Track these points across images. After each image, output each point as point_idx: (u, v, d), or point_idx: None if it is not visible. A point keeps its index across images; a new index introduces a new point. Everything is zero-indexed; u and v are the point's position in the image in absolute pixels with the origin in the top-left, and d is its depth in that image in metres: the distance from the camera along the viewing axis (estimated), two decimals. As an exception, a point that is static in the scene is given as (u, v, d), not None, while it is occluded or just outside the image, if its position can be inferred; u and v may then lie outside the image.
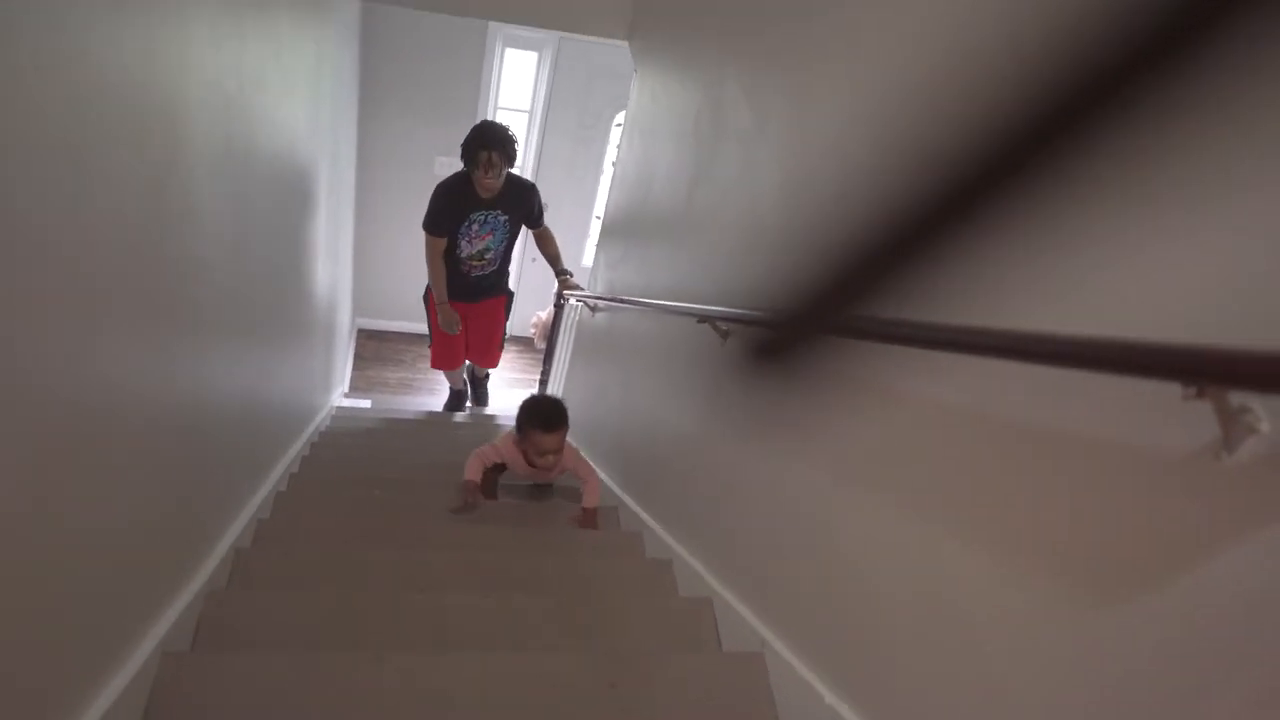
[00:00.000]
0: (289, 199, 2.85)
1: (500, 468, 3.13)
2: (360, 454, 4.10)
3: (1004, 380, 1.17)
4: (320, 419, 4.54)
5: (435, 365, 5.05)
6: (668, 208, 3.12)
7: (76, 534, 1.22)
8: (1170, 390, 0.83)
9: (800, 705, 1.69)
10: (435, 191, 4.11)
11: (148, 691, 1.51)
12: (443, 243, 4.18)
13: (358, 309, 6.86)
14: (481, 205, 4.09)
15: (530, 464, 3.00)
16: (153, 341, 1.49)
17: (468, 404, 5.71)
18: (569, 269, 4.62)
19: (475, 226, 4.17)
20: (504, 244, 4.35)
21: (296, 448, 3.56)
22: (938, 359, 1.28)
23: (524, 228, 4.42)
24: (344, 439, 4.44)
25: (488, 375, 5.70)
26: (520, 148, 4.12)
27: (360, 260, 6.45)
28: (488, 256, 4.33)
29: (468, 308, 4.55)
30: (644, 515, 2.90)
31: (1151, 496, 0.94)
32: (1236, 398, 0.81)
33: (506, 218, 4.22)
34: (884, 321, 1.29)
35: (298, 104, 2.94)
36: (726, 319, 2.16)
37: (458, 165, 4.03)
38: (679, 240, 2.95)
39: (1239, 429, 0.82)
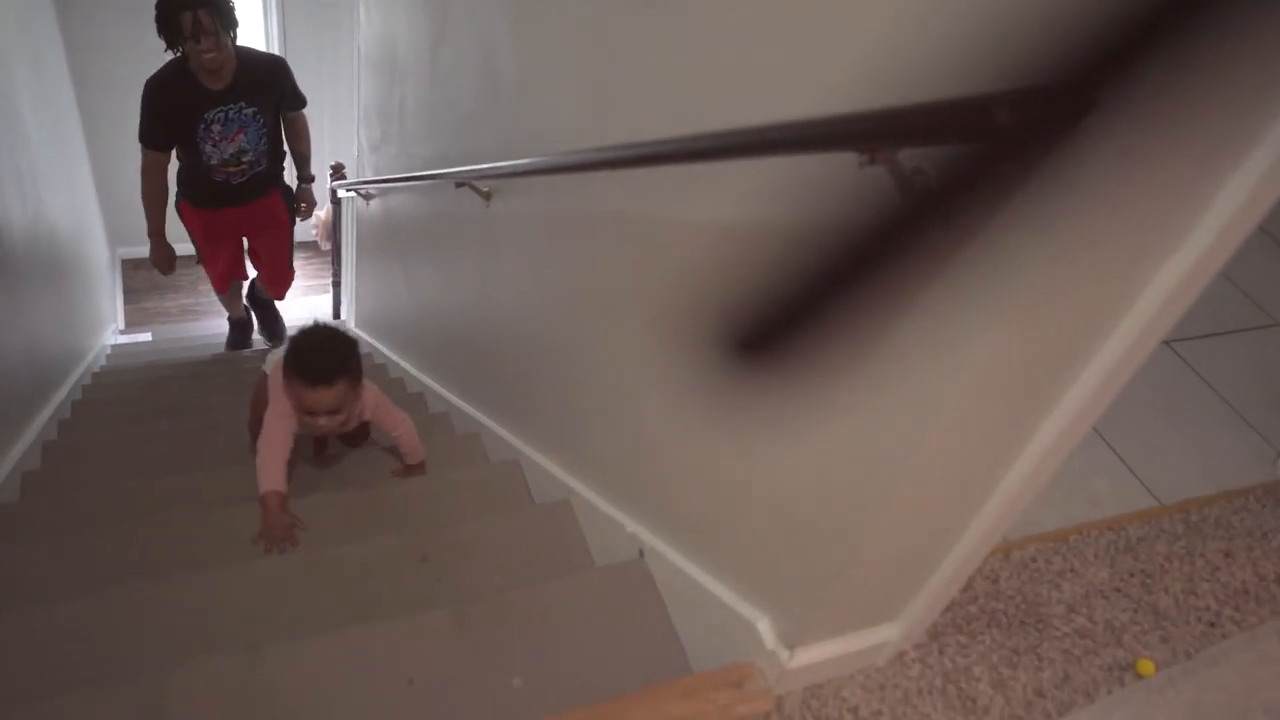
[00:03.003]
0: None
1: None
2: (142, 389, 3.84)
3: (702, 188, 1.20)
4: (90, 360, 4.19)
5: (217, 287, 4.02)
6: (414, 77, 2.96)
7: None
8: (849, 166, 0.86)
9: (607, 540, 1.76)
10: (145, 90, 3.06)
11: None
12: (164, 158, 3.19)
13: (116, 238, 6.24)
14: (214, 100, 3.05)
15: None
16: None
17: (255, 336, 4.61)
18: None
19: (216, 128, 3.13)
20: (264, 141, 3.30)
21: (62, 394, 3.28)
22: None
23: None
24: (122, 376, 4.14)
25: (273, 300, 4.46)
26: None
27: (106, 185, 5.81)
28: (246, 159, 3.29)
29: (236, 213, 3.51)
30: (448, 394, 2.88)
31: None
32: (908, 160, 0.85)
33: (254, 109, 3.17)
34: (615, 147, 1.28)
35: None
36: (483, 176, 2.10)
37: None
38: (430, 108, 2.82)
39: (914, 190, 0.86)
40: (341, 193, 4.59)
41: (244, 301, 4.39)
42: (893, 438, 0.97)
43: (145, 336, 5.67)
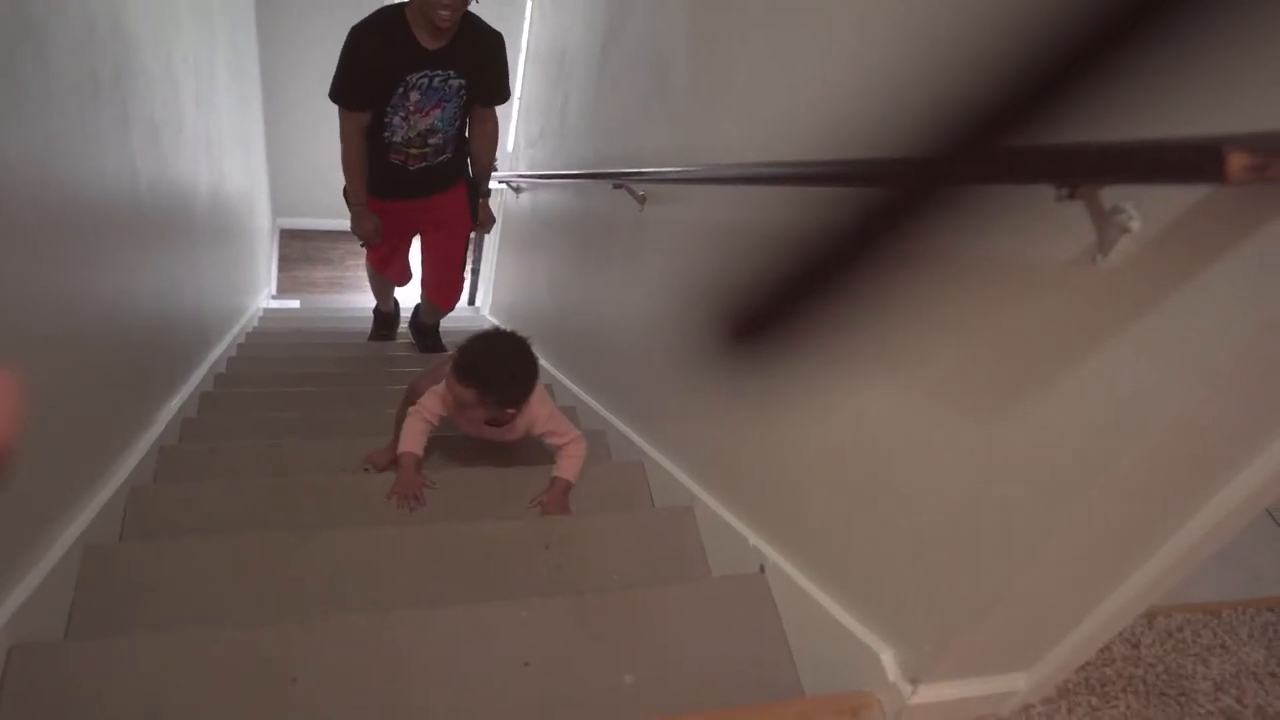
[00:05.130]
0: (180, 90, 2.70)
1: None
2: (289, 353, 4.04)
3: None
4: (246, 320, 4.45)
5: (374, 265, 3.54)
6: (580, 75, 3.03)
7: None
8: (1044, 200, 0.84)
9: (727, 550, 1.75)
10: (349, 37, 2.60)
11: (72, 583, 1.50)
12: (362, 118, 2.73)
13: (277, 208, 6.63)
14: (423, 61, 2.60)
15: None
16: (54, 252, 1.47)
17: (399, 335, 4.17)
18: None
19: (415, 96, 2.67)
20: (456, 123, 2.85)
21: (220, 349, 3.49)
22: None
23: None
24: (272, 339, 4.37)
25: (438, 323, 3.88)
26: None
27: (274, 156, 6.18)
28: (433, 141, 2.83)
29: (411, 206, 3.06)
30: (576, 389, 2.92)
31: (1031, 307, 0.96)
32: (1109, 198, 0.82)
33: (461, 82, 2.70)
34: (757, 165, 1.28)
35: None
36: (642, 180, 2.13)
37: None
38: (593, 108, 2.88)
39: (1112, 230, 0.83)
40: (490, 184, 4.74)
41: (395, 298, 3.99)
42: (1058, 483, 0.93)
43: (294, 304, 5.99)
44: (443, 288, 3.46)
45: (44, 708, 1.23)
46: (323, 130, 2.82)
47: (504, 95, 2.87)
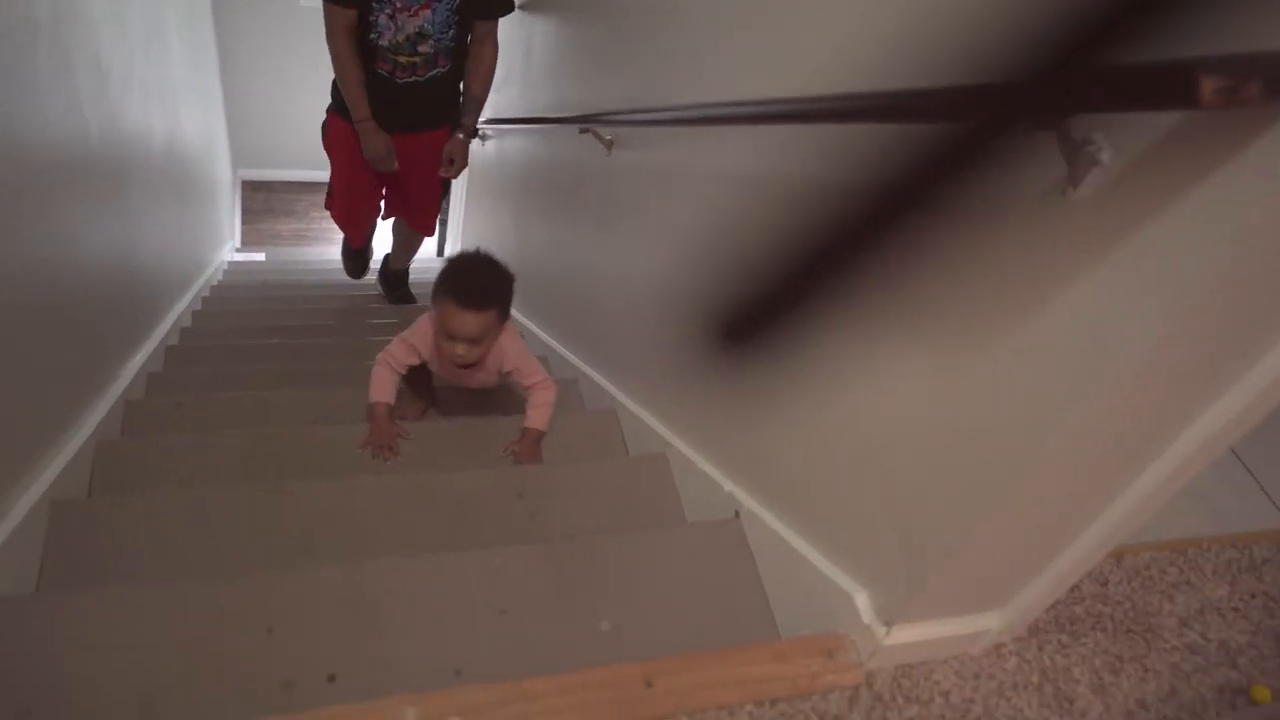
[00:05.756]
0: (129, 35, 2.60)
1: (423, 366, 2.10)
2: (256, 305, 3.98)
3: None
4: (210, 274, 4.37)
5: (339, 222, 3.31)
6: (543, 19, 2.96)
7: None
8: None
9: (702, 496, 1.76)
10: None
11: (40, 539, 1.48)
12: (350, 16, 2.48)
13: (239, 160, 6.46)
14: None
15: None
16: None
17: (371, 273, 3.88)
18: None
19: None
20: (449, 30, 2.59)
21: (185, 302, 3.43)
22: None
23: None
24: (238, 291, 4.30)
25: (407, 269, 3.79)
26: None
27: (233, 107, 6.00)
28: (423, 50, 2.60)
29: (398, 144, 2.83)
30: (547, 338, 2.91)
31: (999, 242, 0.95)
32: (1079, 128, 0.81)
33: None
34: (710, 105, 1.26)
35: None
36: (608, 123, 2.09)
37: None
38: (557, 52, 2.83)
39: (1083, 162, 0.82)
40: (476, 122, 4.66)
41: (370, 246, 3.65)
42: (1028, 420, 0.93)
43: (259, 256, 5.89)
44: (418, 207, 3.20)
45: (15, 663, 1.21)
46: (283, 76, 2.71)
47: (503, 5, 2.66)
